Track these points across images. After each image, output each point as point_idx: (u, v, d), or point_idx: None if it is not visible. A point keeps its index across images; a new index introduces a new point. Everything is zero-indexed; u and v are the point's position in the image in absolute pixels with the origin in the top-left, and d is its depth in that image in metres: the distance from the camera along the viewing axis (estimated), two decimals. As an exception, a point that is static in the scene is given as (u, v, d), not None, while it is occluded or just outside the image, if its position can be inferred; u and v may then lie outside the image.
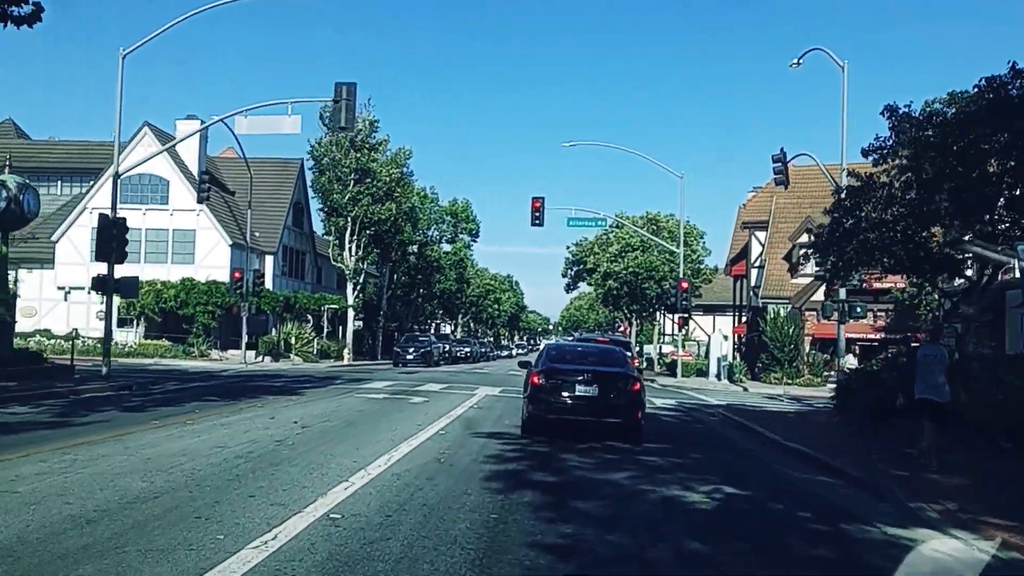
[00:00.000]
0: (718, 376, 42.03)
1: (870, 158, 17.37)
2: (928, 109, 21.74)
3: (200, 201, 38.18)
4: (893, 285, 35.71)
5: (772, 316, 42.05)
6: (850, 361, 43.13)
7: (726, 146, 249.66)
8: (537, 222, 41.52)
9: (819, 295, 42.38)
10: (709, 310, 74.89)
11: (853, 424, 17.57)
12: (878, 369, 18.91)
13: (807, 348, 42.08)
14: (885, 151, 16.64)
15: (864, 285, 40.17)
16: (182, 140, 42.32)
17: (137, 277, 26.94)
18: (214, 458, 10.74)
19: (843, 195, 16.50)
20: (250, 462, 10.54)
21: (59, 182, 53.82)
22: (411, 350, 48.94)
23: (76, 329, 48.37)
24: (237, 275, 42.93)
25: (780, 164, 30.78)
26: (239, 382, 27.80)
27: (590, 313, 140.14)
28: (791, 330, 41.39)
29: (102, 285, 24.54)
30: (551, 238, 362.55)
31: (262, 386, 25.64)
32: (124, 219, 26.00)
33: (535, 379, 14.72)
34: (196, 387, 25.34)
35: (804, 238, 44.53)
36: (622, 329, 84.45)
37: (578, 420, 14.43)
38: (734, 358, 44.44)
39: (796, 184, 49.58)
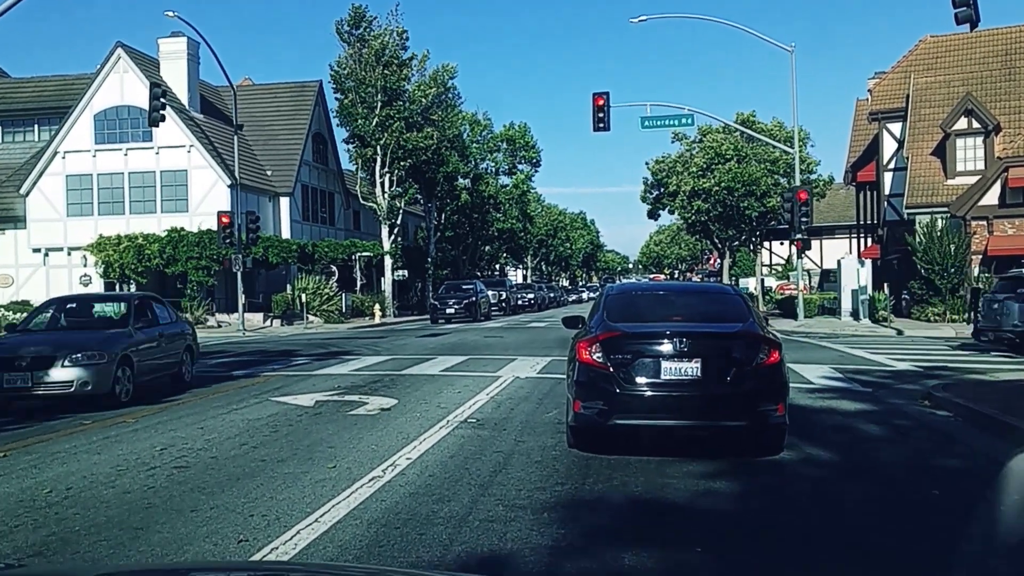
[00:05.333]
0: (854, 315, 31.43)
1: None
2: None
3: (153, 123, 29.13)
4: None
5: (926, 229, 31.13)
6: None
7: (829, 32, 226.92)
8: (601, 125, 31.72)
9: (990, 197, 31.26)
10: (815, 233, 63.40)
11: None
12: None
13: (975, 271, 31.10)
14: None
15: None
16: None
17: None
18: None
19: None
20: None
21: (35, 126, 45.61)
22: (451, 302, 39.31)
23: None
24: (226, 220, 34.03)
25: (963, -9, 19.69)
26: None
27: (671, 247, 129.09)
28: (954, 247, 30.46)
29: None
30: (625, 177, 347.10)
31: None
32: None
33: (585, 352, 8.32)
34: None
35: (962, 123, 33.28)
36: (712, 262, 73.49)
37: (666, 426, 8.34)
38: (879, 289, 33.55)
39: (940, 58, 38.06)
